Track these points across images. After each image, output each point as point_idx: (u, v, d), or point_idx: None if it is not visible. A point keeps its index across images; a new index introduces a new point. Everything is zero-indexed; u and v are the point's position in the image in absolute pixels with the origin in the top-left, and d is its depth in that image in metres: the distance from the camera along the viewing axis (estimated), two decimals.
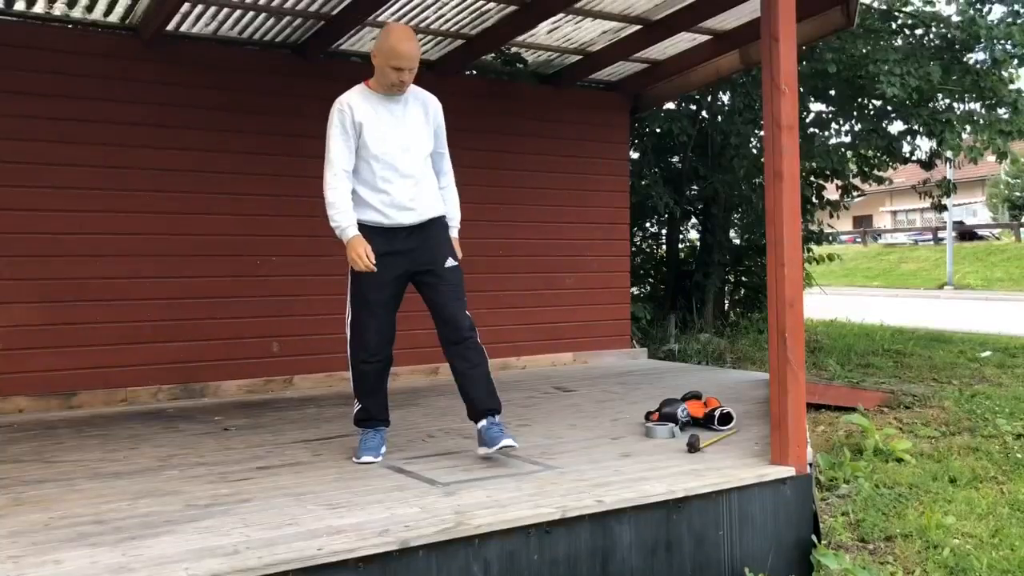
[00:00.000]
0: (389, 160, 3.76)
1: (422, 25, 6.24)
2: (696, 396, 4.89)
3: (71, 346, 5.51)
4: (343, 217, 3.73)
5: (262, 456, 4.07)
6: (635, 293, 9.48)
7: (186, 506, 3.20)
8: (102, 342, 5.59)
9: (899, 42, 9.59)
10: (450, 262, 3.86)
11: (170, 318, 5.81)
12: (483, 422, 3.76)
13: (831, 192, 10.93)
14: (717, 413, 4.53)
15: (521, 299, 7.19)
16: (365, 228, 3.80)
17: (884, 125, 10.08)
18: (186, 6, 5.44)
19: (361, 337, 3.86)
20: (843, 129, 10.66)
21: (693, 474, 3.61)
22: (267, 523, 2.96)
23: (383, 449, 3.98)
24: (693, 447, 4.00)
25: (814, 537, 3.72)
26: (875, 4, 10.01)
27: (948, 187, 11.40)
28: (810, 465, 3.82)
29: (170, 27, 5.70)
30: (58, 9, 5.49)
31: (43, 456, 4.12)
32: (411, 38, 3.72)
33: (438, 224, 3.91)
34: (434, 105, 3.93)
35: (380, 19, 5.98)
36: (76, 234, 5.52)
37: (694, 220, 11.11)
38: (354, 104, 3.76)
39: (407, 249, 3.82)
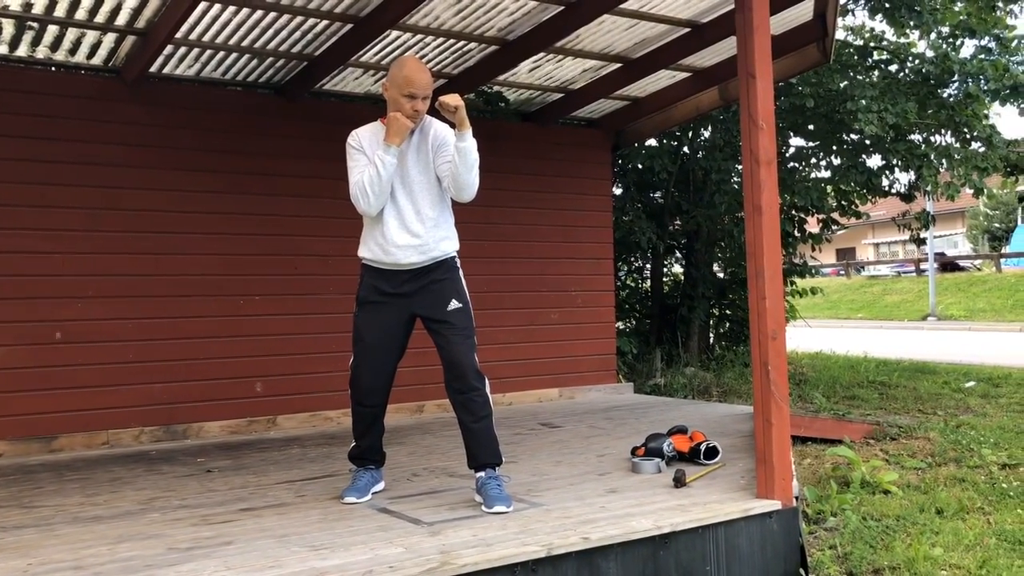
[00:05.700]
0: (392, 197, 3.72)
1: None
2: (682, 430, 4.88)
3: (51, 389, 5.45)
4: (376, 170, 3.62)
5: (245, 498, 4.02)
6: (620, 327, 9.49)
7: (168, 550, 3.15)
8: (83, 384, 5.54)
9: (875, 76, 9.73)
10: (454, 304, 3.74)
11: (152, 359, 5.77)
12: (481, 474, 3.73)
13: (812, 226, 11.03)
14: (703, 447, 4.52)
15: (507, 335, 7.19)
16: (367, 267, 3.80)
17: (862, 160, 10.19)
18: (169, 48, 5.48)
19: (354, 376, 3.83)
20: (822, 164, 10.78)
21: (679, 509, 3.60)
22: (249, 566, 2.92)
23: (377, 487, 3.97)
24: (679, 482, 3.99)
25: (802, 571, 3.71)
26: (851, 39, 10.18)
27: (927, 219, 11.54)
28: (796, 498, 3.82)
29: (153, 69, 5.74)
30: (41, 52, 5.51)
31: (22, 501, 4.06)
32: (425, 68, 3.74)
33: (443, 267, 3.79)
34: (433, 125, 3.82)
35: (362, 60, 6.03)
36: (56, 275, 5.49)
37: (677, 254, 11.17)
38: (361, 135, 3.78)
39: (407, 292, 3.76)
